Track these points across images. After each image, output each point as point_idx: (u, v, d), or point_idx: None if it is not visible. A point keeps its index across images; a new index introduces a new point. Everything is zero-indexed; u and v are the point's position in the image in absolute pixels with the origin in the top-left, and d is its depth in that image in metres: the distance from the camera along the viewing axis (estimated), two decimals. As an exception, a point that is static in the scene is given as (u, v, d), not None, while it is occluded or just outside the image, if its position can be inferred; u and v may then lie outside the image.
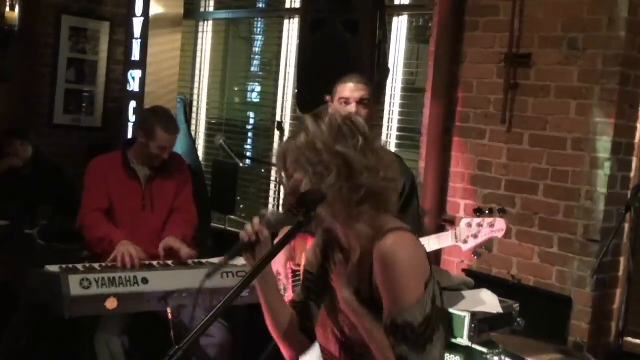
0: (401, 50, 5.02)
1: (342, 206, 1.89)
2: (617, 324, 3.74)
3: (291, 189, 1.94)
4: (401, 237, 1.88)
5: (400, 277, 1.83)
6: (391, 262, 1.84)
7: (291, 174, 1.94)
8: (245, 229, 1.92)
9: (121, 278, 3.43)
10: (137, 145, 4.08)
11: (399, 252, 1.85)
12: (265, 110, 6.23)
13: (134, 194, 4.05)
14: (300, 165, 1.91)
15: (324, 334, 2.04)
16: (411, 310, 1.81)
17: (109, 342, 3.78)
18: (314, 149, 1.90)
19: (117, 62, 6.59)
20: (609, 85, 3.89)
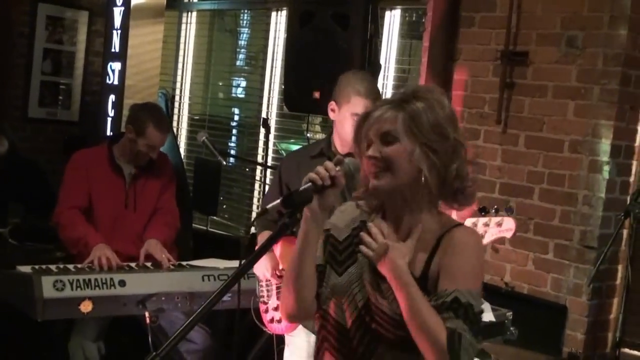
0: (393, 46, 4.93)
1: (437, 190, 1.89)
2: (614, 335, 3.65)
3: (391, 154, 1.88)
4: (477, 233, 2.01)
5: (472, 263, 1.88)
6: (467, 248, 1.89)
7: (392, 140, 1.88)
8: (317, 171, 1.86)
9: (97, 280, 3.37)
10: (124, 141, 3.98)
11: (477, 242, 1.95)
12: (250, 106, 6.12)
13: (117, 191, 3.97)
14: (415, 135, 1.87)
15: (338, 304, 1.96)
16: (475, 296, 1.85)
17: (84, 348, 3.74)
18: (435, 125, 1.88)
19: (95, 54, 6.44)
20: (609, 86, 3.81)
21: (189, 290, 3.49)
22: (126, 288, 3.39)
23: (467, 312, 1.80)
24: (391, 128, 1.88)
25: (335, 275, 1.98)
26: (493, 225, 2.94)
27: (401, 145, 1.87)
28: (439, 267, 1.87)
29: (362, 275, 1.95)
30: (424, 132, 1.87)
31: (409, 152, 1.86)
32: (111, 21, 5.98)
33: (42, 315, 3.21)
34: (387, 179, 1.89)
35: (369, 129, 1.92)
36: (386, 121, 1.89)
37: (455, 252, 1.87)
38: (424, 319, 1.80)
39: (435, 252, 1.89)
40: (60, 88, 6.39)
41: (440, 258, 1.88)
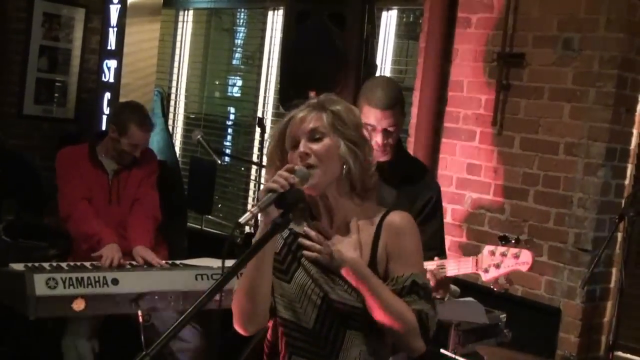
0: (390, 47, 4.91)
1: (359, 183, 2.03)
2: (608, 338, 3.64)
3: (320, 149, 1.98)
4: (410, 216, 2.10)
5: (417, 245, 2.04)
6: (410, 231, 2.04)
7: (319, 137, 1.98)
8: (275, 180, 1.90)
9: (90, 278, 3.35)
10: (107, 140, 4.00)
11: (414, 224, 2.08)
12: (246, 105, 6.11)
13: (101, 187, 3.99)
14: (340, 132, 2.00)
15: (295, 309, 2.03)
16: (425, 274, 2.06)
17: (77, 346, 3.73)
18: (356, 123, 2.04)
19: (91, 51, 6.42)
20: (605, 89, 3.80)
21: (182, 289, 3.47)
22: (119, 286, 3.37)
23: (426, 291, 1.99)
24: (318, 125, 1.99)
25: (283, 284, 2.05)
26: (510, 256, 2.85)
27: (327, 141, 1.98)
28: (387, 251, 2.01)
29: (312, 275, 2.02)
30: (348, 129, 2.01)
31: (336, 146, 1.99)
32: (107, 19, 5.95)
33: (35, 313, 3.18)
34: (320, 177, 1.97)
35: (295, 130, 2.01)
36: (312, 120, 2.00)
37: (400, 237, 2.02)
38: (392, 307, 1.94)
39: (378, 237, 2.02)
40: (56, 85, 6.37)
41: (386, 243, 2.02)
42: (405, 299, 1.96)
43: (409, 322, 1.95)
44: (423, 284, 1.99)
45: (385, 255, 2.02)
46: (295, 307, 2.03)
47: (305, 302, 2.02)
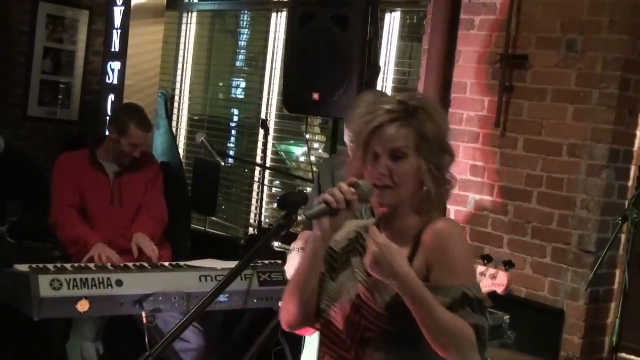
0: (393, 48, 4.91)
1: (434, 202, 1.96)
2: (611, 339, 3.62)
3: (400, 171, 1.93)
4: (457, 223, 2.10)
5: (464, 253, 1.93)
6: (455, 239, 1.93)
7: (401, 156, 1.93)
8: (332, 193, 1.87)
9: (94, 280, 3.35)
10: (108, 142, 4.06)
11: (460, 232, 1.99)
12: (250, 107, 6.11)
13: (102, 189, 4.03)
14: (423, 154, 1.93)
15: (333, 308, 2.02)
16: (478, 287, 1.90)
17: (82, 348, 3.73)
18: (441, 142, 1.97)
19: (96, 53, 6.43)
20: (608, 90, 3.79)
21: (186, 291, 3.47)
22: (123, 288, 3.37)
23: (481, 305, 1.87)
24: (402, 145, 1.93)
25: (330, 281, 2.04)
26: (488, 277, 2.95)
27: (409, 162, 1.93)
28: (427, 262, 1.91)
29: (357, 277, 1.98)
30: (431, 150, 1.94)
31: (417, 169, 1.93)
32: (111, 21, 5.96)
33: (39, 315, 3.18)
34: (393, 195, 1.94)
35: (378, 144, 1.95)
36: (397, 139, 1.94)
37: (443, 246, 1.91)
38: (447, 322, 1.81)
39: (417, 247, 1.95)
40: (60, 87, 6.39)
41: (426, 253, 1.92)
42: (459, 313, 1.84)
43: (467, 338, 1.82)
44: (474, 297, 1.87)
45: (425, 266, 1.92)
46: (333, 307, 2.02)
47: (341, 303, 2.00)
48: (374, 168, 1.95)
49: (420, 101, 1.99)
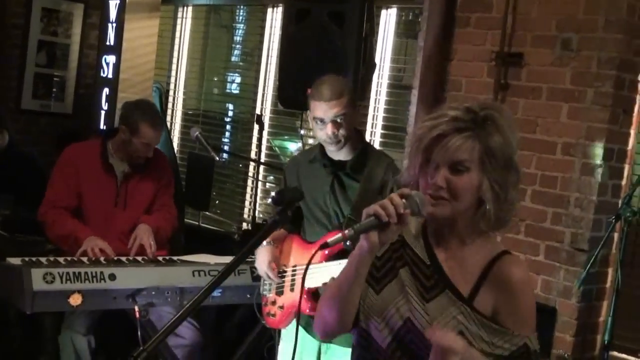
0: (389, 45, 4.91)
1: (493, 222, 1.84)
2: (603, 338, 3.64)
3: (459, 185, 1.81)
4: (525, 264, 1.95)
5: (532, 304, 1.87)
6: (526, 289, 1.86)
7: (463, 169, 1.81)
8: (384, 206, 1.73)
9: (87, 273, 3.35)
10: (119, 140, 3.91)
11: (529, 276, 1.92)
12: (244, 102, 6.11)
13: (108, 189, 3.92)
14: (486, 170, 1.81)
15: (375, 322, 1.89)
16: (536, 338, 1.85)
17: (74, 341, 3.72)
18: (507, 159, 1.84)
19: (90, 47, 6.41)
20: (603, 89, 3.79)
21: (179, 285, 3.48)
22: (116, 282, 3.36)
23: (537, 357, 1.83)
24: (465, 158, 1.81)
25: (372, 292, 1.90)
26: None
27: (470, 177, 1.81)
28: (495, 301, 1.82)
29: (407, 295, 1.87)
30: (496, 166, 1.82)
31: (477, 185, 1.81)
32: (106, 14, 5.93)
33: (32, 308, 3.18)
34: (447, 208, 1.83)
35: (439, 153, 1.82)
36: (461, 151, 1.80)
37: (518, 292, 1.82)
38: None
39: (483, 279, 1.84)
40: (54, 80, 6.37)
41: (496, 292, 1.82)
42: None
43: None
44: (534, 351, 1.83)
45: (492, 304, 1.83)
46: (375, 320, 1.88)
47: (386, 319, 1.87)
48: (432, 178, 1.82)
49: (491, 111, 1.85)
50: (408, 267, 1.89)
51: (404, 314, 1.85)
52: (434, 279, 1.86)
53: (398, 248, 1.92)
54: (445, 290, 1.84)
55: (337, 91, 3.01)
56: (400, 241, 1.92)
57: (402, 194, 1.77)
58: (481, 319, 1.81)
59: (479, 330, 1.80)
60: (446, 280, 1.85)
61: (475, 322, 1.81)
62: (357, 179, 3.06)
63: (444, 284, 1.85)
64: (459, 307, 1.82)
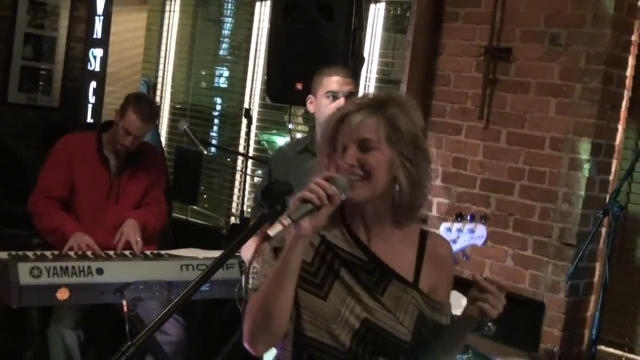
0: (377, 39, 4.89)
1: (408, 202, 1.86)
2: (590, 332, 3.65)
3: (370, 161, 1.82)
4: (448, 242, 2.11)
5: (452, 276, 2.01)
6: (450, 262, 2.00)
7: (370, 146, 1.82)
8: (313, 190, 1.71)
9: (74, 268, 3.34)
10: (112, 132, 3.91)
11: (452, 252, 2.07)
12: (233, 96, 6.08)
13: (101, 181, 3.91)
14: (395, 146, 1.83)
15: (328, 329, 1.82)
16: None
17: (63, 336, 3.71)
18: (414, 135, 1.86)
19: (77, 40, 6.35)
20: (591, 84, 3.80)
21: (167, 280, 3.47)
22: (104, 276, 3.36)
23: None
24: (371, 137, 1.81)
25: (318, 300, 1.83)
26: (466, 232, 2.97)
27: (380, 154, 1.81)
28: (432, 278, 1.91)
29: (354, 292, 1.84)
30: (403, 142, 1.83)
31: (388, 160, 1.82)
32: (93, 7, 5.91)
33: (18, 302, 3.17)
34: (365, 189, 1.81)
35: (347, 134, 1.83)
36: (366, 128, 1.82)
37: (445, 268, 1.96)
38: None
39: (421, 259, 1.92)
40: (40, 73, 6.31)
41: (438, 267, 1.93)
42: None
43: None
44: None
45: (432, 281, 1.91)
46: (329, 327, 1.82)
47: (341, 322, 1.83)
48: (342, 161, 1.81)
49: (393, 95, 1.90)
50: (346, 267, 1.85)
51: (359, 314, 1.83)
52: (377, 273, 1.86)
53: (326, 250, 1.87)
54: (392, 280, 1.86)
55: (349, 72, 3.22)
56: (324, 243, 1.87)
57: (325, 177, 1.74)
58: (426, 299, 1.88)
59: (430, 312, 1.89)
60: (389, 270, 1.87)
61: (426, 303, 1.88)
62: None
63: (389, 274, 1.87)
64: (409, 292, 1.87)
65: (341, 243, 1.88)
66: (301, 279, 1.82)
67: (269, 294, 1.76)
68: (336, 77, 3.15)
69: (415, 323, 1.87)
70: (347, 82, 3.15)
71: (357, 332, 1.83)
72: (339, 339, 1.82)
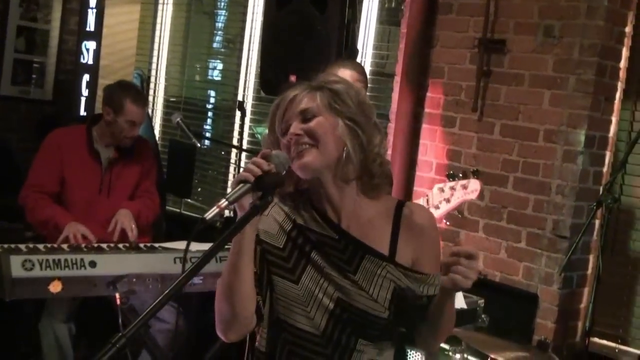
0: (371, 32, 4.87)
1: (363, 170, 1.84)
2: (584, 324, 3.66)
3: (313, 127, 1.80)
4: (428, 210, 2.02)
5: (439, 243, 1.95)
6: (434, 230, 1.92)
7: (311, 116, 1.81)
8: (248, 169, 1.72)
9: (67, 260, 3.30)
10: (103, 124, 3.90)
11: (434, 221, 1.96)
12: (226, 89, 6.07)
13: (93, 175, 3.90)
14: (338, 112, 1.82)
15: (303, 313, 1.82)
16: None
17: (54, 329, 3.70)
18: (358, 101, 1.84)
19: (70, 32, 6.32)
20: (584, 76, 3.80)
21: (161, 272, 3.45)
22: (97, 269, 3.33)
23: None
24: (310, 105, 1.81)
25: (290, 284, 1.83)
26: (459, 188, 2.96)
27: (322, 119, 1.80)
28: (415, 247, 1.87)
29: (325, 273, 1.83)
30: (348, 107, 1.82)
31: (332, 125, 1.80)
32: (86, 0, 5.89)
33: (10, 295, 3.13)
34: (314, 155, 1.79)
35: (285, 111, 1.83)
36: (303, 100, 1.82)
37: (429, 234, 1.89)
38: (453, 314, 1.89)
39: (397, 231, 1.87)
40: (33, 66, 6.29)
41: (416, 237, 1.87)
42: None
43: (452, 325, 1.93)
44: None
45: (412, 253, 1.87)
46: (302, 311, 1.82)
47: (315, 305, 1.82)
48: (285, 140, 1.81)
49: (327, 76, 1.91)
50: (317, 249, 1.84)
51: (332, 294, 1.82)
52: (349, 250, 1.84)
53: (297, 235, 1.86)
54: (365, 256, 1.83)
55: (363, 69, 3.23)
56: (295, 226, 1.87)
57: (262, 154, 1.76)
58: (405, 272, 1.84)
59: (409, 284, 1.84)
60: (361, 245, 1.84)
61: (404, 276, 1.84)
62: None
63: (361, 251, 1.84)
64: (384, 267, 1.83)
65: (312, 225, 1.87)
66: (274, 264, 1.84)
67: (227, 279, 1.77)
68: (350, 71, 3.11)
69: (391, 299, 1.82)
70: (356, 77, 3.10)
71: (332, 313, 1.81)
72: (314, 322, 1.82)
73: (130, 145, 3.94)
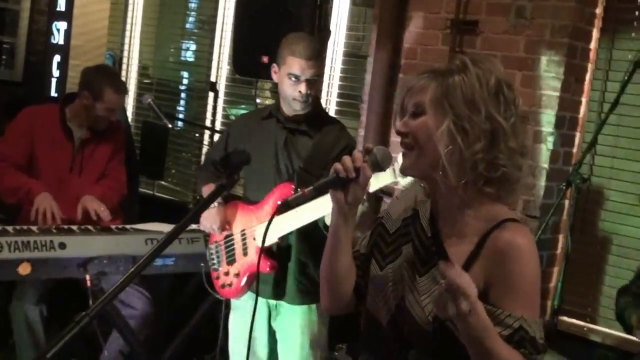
0: (344, 13, 4.84)
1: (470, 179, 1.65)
2: (553, 303, 3.69)
3: (415, 128, 1.67)
4: (529, 234, 1.69)
5: (533, 276, 1.64)
6: (524, 256, 1.62)
7: (420, 112, 1.67)
8: (342, 161, 1.66)
9: (36, 242, 3.30)
10: (78, 105, 3.87)
11: (531, 247, 1.65)
12: (199, 70, 6.03)
13: (64, 154, 3.88)
14: (445, 110, 1.63)
15: (376, 299, 1.79)
16: (539, 324, 1.63)
17: (25, 311, 3.69)
18: (470, 101, 1.62)
19: (40, 12, 6.24)
20: (555, 57, 3.81)
21: (132, 254, 3.44)
22: (66, 250, 3.32)
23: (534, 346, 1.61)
24: (420, 99, 1.67)
25: (376, 267, 1.81)
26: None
27: (425, 119, 1.65)
28: (487, 274, 1.62)
29: (402, 268, 1.75)
30: (457, 107, 1.63)
31: (433, 127, 1.64)
32: (57, -21, 5.81)
33: (-22, 278, 3.15)
34: (412, 158, 1.68)
35: (407, 102, 1.70)
36: (418, 91, 1.68)
37: (512, 262, 1.61)
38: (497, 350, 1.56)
39: (479, 250, 1.65)
40: (3, 47, 6.21)
41: (489, 263, 1.63)
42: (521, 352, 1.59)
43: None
44: (532, 338, 1.59)
45: (483, 279, 1.62)
46: (377, 298, 1.78)
47: (384, 298, 1.76)
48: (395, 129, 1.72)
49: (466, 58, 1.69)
50: (412, 242, 1.76)
51: (399, 292, 1.73)
52: (431, 252, 1.72)
53: (408, 223, 1.80)
54: (439, 262, 1.61)
55: (316, 51, 3.02)
56: (412, 215, 1.80)
57: (365, 149, 1.69)
58: None
59: None
60: (442, 251, 1.70)
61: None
62: (311, 134, 3.06)
63: (438, 256, 1.69)
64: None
65: (423, 217, 1.78)
66: (377, 246, 1.84)
67: (326, 260, 1.80)
68: (300, 60, 2.95)
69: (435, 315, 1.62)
70: (311, 65, 2.95)
71: (393, 313, 1.73)
72: (382, 312, 1.76)
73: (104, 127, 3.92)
